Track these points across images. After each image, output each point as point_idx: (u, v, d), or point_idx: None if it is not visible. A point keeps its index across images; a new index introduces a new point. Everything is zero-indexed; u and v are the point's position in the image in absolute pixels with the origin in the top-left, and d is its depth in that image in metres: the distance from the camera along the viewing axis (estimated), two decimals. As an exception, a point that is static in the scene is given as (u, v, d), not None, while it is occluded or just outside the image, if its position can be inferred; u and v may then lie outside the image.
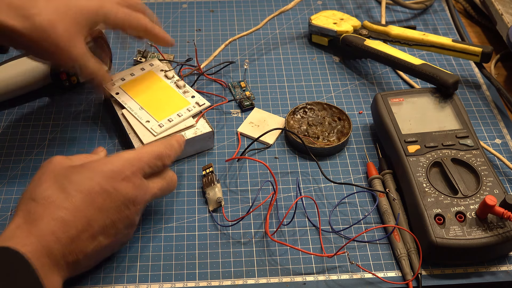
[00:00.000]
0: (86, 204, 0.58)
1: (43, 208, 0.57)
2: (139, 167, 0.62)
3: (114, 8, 0.71)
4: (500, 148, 0.77)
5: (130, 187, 0.60)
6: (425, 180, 0.67)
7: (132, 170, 0.61)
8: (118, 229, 0.60)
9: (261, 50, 0.91)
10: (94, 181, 0.59)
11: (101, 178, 0.59)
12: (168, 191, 0.66)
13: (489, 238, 0.63)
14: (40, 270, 0.54)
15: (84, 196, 0.58)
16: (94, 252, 0.59)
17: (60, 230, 0.56)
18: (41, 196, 0.58)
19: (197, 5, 0.99)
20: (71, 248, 0.57)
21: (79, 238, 0.57)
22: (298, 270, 0.64)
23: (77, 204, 0.58)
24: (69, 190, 0.58)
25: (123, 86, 0.78)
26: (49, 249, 0.55)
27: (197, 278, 0.63)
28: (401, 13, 0.99)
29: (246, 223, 0.68)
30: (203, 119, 0.75)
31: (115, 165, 0.61)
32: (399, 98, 0.76)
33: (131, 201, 0.60)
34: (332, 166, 0.75)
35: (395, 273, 0.64)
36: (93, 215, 0.58)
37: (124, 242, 0.64)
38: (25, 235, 0.55)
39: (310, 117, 0.79)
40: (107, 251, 0.62)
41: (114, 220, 0.59)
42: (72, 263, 0.57)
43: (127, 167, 0.61)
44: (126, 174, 0.60)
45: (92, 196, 0.58)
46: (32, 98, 0.81)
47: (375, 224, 0.69)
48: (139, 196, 0.61)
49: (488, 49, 0.83)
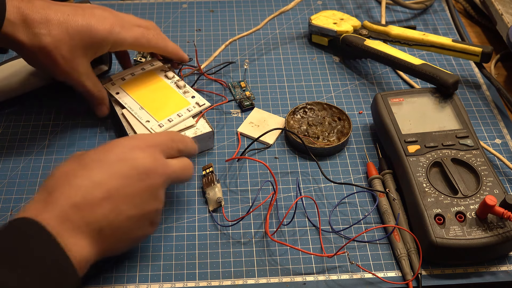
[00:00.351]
0: (103, 171, 0.58)
1: (60, 179, 0.57)
2: (156, 143, 0.62)
3: (123, 33, 0.73)
4: (500, 148, 0.77)
5: (149, 157, 0.60)
6: (425, 180, 0.67)
7: (150, 144, 0.61)
8: (142, 199, 0.59)
9: (261, 50, 0.91)
10: (112, 152, 0.60)
11: (118, 149, 0.60)
12: (187, 173, 0.65)
13: (489, 238, 0.63)
14: (59, 235, 0.53)
15: (101, 165, 0.58)
16: (120, 222, 0.58)
17: (77, 196, 0.56)
18: (59, 172, 0.58)
19: (197, 5, 0.99)
20: (91, 215, 0.56)
21: (99, 205, 0.56)
22: (298, 270, 0.64)
23: (94, 172, 0.57)
24: (86, 161, 0.59)
25: (123, 86, 0.78)
26: (67, 214, 0.54)
27: (197, 278, 0.63)
28: (401, 13, 0.99)
29: (246, 223, 0.68)
30: (203, 119, 0.75)
31: (133, 140, 0.62)
32: (399, 98, 0.76)
33: (152, 171, 0.60)
34: (332, 166, 0.75)
35: (395, 273, 0.64)
36: (112, 182, 0.57)
37: (153, 219, 0.62)
38: (41, 205, 0.55)
39: (310, 117, 0.79)
40: (136, 227, 0.60)
41: (136, 189, 0.58)
42: (98, 232, 0.56)
43: (144, 142, 0.61)
44: (145, 146, 0.61)
45: (110, 164, 0.58)
46: (32, 98, 0.81)
47: (375, 224, 0.69)
48: (160, 167, 0.60)
49: (488, 49, 0.83)
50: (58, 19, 0.69)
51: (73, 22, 0.70)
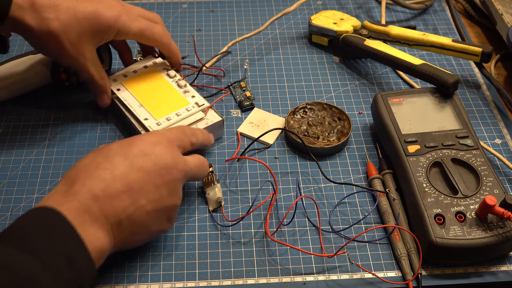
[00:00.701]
0: (125, 165, 0.59)
1: (82, 171, 0.59)
2: (173, 139, 0.63)
3: (129, 22, 0.73)
4: (500, 148, 0.77)
5: (169, 153, 0.61)
6: (425, 180, 0.67)
7: (170, 141, 0.63)
8: (161, 194, 0.60)
9: (261, 50, 0.91)
10: (135, 146, 0.61)
11: (140, 144, 0.61)
12: (203, 170, 0.66)
13: (489, 238, 0.63)
14: (78, 226, 0.54)
15: (123, 159, 0.59)
16: (138, 216, 0.58)
17: (97, 187, 0.57)
18: (81, 164, 0.60)
19: (197, 5, 0.99)
20: (111, 207, 0.57)
21: (119, 198, 0.57)
22: (298, 270, 0.64)
23: (116, 165, 0.59)
24: (108, 154, 0.60)
25: (125, 83, 0.78)
26: (87, 206, 0.56)
27: (197, 278, 0.63)
28: (401, 13, 0.99)
29: (246, 223, 0.68)
30: (212, 110, 0.76)
31: (153, 136, 0.63)
32: (399, 98, 0.76)
33: (172, 166, 0.61)
34: (332, 166, 0.75)
35: (395, 273, 0.64)
36: (133, 176, 0.59)
37: (170, 215, 0.63)
38: (62, 196, 0.56)
39: (310, 117, 0.79)
40: (153, 222, 0.61)
41: (156, 184, 0.60)
42: (116, 224, 0.57)
43: (165, 139, 0.63)
44: (166, 143, 0.62)
45: (132, 159, 0.59)
46: (32, 98, 0.81)
47: (375, 224, 0.69)
48: (179, 164, 0.62)
49: (488, 49, 0.83)
50: (66, 4, 0.69)
51: (81, 8, 0.70)
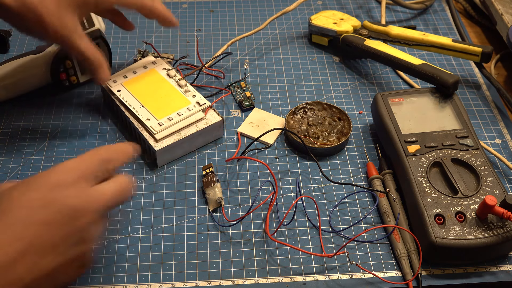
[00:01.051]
0: (24, 220, 0.52)
1: None
2: (83, 172, 0.56)
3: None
4: (500, 148, 0.77)
5: (75, 195, 0.54)
6: (425, 180, 0.67)
7: (75, 178, 0.55)
8: (69, 245, 0.54)
9: (261, 50, 0.91)
10: (34, 192, 0.54)
11: (41, 191, 0.54)
12: (123, 196, 0.59)
13: (489, 238, 0.63)
14: None
15: (22, 211, 0.52)
16: (44, 275, 0.52)
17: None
18: None
19: (197, 5, 0.99)
20: (13, 275, 0.50)
21: (20, 262, 0.51)
22: (298, 270, 0.64)
23: (13, 221, 0.52)
24: (6, 206, 0.53)
25: (125, 84, 0.78)
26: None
27: (197, 278, 0.63)
28: (401, 13, 0.99)
29: (246, 223, 0.68)
30: (212, 110, 0.76)
31: (57, 174, 0.55)
32: (399, 98, 0.76)
33: (81, 209, 0.54)
34: (332, 166, 0.75)
35: (395, 273, 0.64)
36: (35, 232, 0.52)
37: (82, 261, 0.56)
38: None
39: (310, 117, 0.79)
40: (62, 275, 0.55)
41: (62, 235, 0.53)
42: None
43: (69, 175, 0.55)
44: (70, 181, 0.55)
45: (31, 211, 0.52)
46: (32, 98, 0.81)
47: (375, 224, 0.69)
48: (91, 203, 0.55)
49: (488, 49, 0.83)
50: None
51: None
